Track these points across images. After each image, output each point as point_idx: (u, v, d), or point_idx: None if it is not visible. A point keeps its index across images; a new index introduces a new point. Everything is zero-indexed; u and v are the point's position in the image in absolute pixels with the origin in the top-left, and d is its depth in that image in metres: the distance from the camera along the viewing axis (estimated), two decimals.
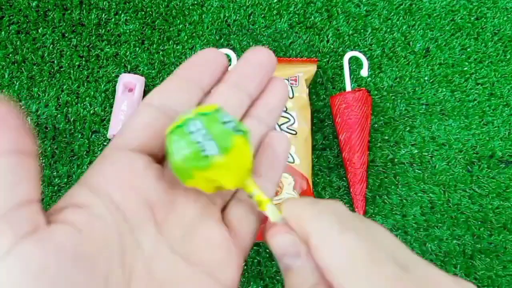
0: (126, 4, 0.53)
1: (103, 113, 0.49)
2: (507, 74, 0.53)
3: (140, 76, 0.49)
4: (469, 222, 0.48)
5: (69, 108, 0.49)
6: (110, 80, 0.50)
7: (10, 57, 0.50)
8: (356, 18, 0.54)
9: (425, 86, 0.52)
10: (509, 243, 0.48)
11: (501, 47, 0.54)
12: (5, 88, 0.49)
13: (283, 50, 0.52)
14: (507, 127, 0.51)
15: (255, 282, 0.45)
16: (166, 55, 0.51)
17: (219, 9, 0.53)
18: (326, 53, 0.53)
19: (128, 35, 0.52)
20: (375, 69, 0.52)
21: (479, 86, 0.53)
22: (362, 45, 0.53)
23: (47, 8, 0.52)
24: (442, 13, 0.55)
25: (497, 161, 0.50)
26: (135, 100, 0.47)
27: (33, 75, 0.50)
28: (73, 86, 0.50)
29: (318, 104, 0.51)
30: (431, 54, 0.53)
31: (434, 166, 0.50)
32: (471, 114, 0.52)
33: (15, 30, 0.51)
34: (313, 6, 0.54)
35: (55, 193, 0.47)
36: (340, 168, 0.50)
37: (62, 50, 0.51)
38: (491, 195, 0.49)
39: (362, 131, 0.48)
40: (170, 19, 0.53)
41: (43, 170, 0.47)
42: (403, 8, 0.55)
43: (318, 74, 0.52)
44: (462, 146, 0.50)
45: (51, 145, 0.48)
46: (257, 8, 0.54)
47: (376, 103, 0.51)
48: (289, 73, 0.49)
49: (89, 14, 0.52)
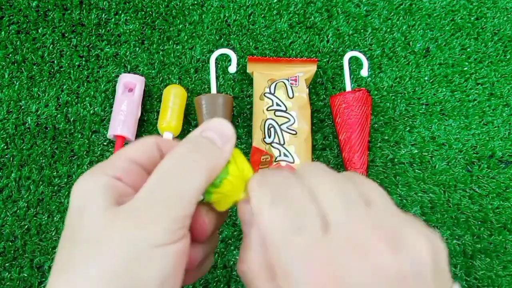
0: (126, 4, 0.53)
1: (103, 113, 0.49)
2: (507, 74, 0.53)
3: (140, 76, 0.49)
4: (469, 222, 0.48)
5: (69, 108, 0.49)
6: (110, 80, 0.50)
7: (10, 57, 0.50)
8: (356, 18, 0.54)
9: (425, 86, 0.52)
10: (509, 243, 0.48)
11: (501, 47, 0.54)
12: (5, 88, 0.49)
13: (283, 50, 0.52)
14: (507, 127, 0.51)
15: None
16: (166, 55, 0.51)
17: (219, 9, 0.53)
18: (326, 53, 0.53)
19: (128, 35, 0.52)
20: (375, 69, 0.52)
21: (479, 86, 0.53)
22: (362, 45, 0.53)
23: (47, 8, 0.52)
24: (442, 13, 0.55)
25: (497, 161, 0.50)
26: (135, 100, 0.47)
27: (33, 75, 0.50)
28: (73, 86, 0.50)
29: (318, 104, 0.51)
30: (431, 54, 0.53)
31: (434, 166, 0.50)
32: (471, 114, 0.52)
33: (15, 30, 0.51)
34: (313, 6, 0.54)
35: (55, 193, 0.47)
36: (340, 168, 0.50)
37: (62, 50, 0.51)
38: (491, 195, 0.49)
39: (362, 131, 0.48)
40: (170, 19, 0.53)
41: (43, 170, 0.47)
42: (403, 8, 0.55)
43: (318, 74, 0.52)
44: (462, 146, 0.50)
45: (51, 145, 0.48)
46: (257, 8, 0.54)
47: (376, 103, 0.51)
48: (289, 73, 0.49)
49: (89, 14, 0.52)
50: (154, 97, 0.50)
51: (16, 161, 0.47)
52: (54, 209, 0.46)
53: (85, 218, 0.22)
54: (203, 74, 0.51)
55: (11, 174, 0.47)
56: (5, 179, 0.47)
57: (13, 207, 0.46)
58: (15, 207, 0.46)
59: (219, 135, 0.24)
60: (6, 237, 0.45)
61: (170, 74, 0.51)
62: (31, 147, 0.48)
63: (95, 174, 0.23)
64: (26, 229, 0.45)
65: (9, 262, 0.44)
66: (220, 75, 0.51)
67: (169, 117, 0.46)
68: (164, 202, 0.22)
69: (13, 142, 0.48)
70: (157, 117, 0.49)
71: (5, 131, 0.48)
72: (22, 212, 0.46)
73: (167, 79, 0.51)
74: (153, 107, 0.50)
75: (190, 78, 0.51)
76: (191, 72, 0.51)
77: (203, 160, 0.23)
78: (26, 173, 0.47)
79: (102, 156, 0.48)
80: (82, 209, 0.22)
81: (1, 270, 0.44)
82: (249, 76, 0.51)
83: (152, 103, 0.50)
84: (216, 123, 0.25)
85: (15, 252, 0.45)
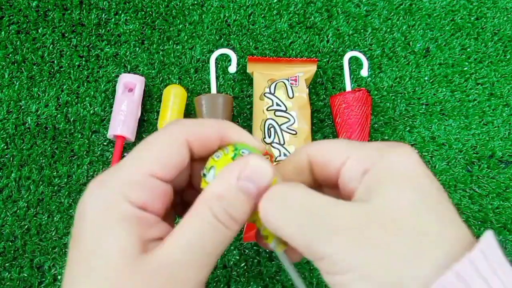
0: (126, 4, 0.53)
1: (103, 113, 0.49)
2: (507, 74, 0.53)
3: (140, 76, 0.49)
4: (469, 222, 0.48)
5: (69, 108, 0.49)
6: (110, 80, 0.50)
7: (10, 57, 0.50)
8: (356, 18, 0.54)
9: (425, 86, 0.52)
10: (509, 243, 0.48)
11: (501, 47, 0.54)
12: (5, 88, 0.49)
13: (283, 50, 0.52)
14: (507, 127, 0.51)
15: (255, 282, 0.45)
16: (166, 55, 0.51)
17: (219, 9, 0.53)
18: (326, 53, 0.53)
19: (128, 35, 0.52)
20: (375, 69, 0.52)
21: (479, 86, 0.53)
22: (362, 45, 0.53)
23: (47, 8, 0.52)
24: (442, 13, 0.55)
25: (497, 161, 0.50)
26: (135, 100, 0.47)
27: (33, 75, 0.50)
28: (73, 86, 0.50)
29: (318, 104, 0.51)
30: (431, 54, 0.53)
31: (434, 166, 0.50)
32: (471, 114, 0.52)
33: (15, 30, 0.51)
34: (313, 6, 0.54)
35: (55, 193, 0.47)
36: None
37: (62, 50, 0.51)
38: (491, 195, 0.49)
39: (362, 131, 0.48)
40: (170, 19, 0.53)
41: (43, 170, 0.47)
42: (403, 8, 0.55)
43: (318, 74, 0.52)
44: (462, 146, 0.50)
45: (51, 145, 0.48)
46: (257, 8, 0.54)
47: (376, 103, 0.51)
48: (289, 73, 0.49)
49: (89, 14, 0.52)
50: (154, 97, 0.50)
51: (16, 161, 0.47)
52: (54, 209, 0.46)
53: (103, 259, 0.19)
54: (203, 74, 0.51)
55: (11, 174, 0.47)
56: (5, 179, 0.47)
57: (13, 207, 0.46)
58: (15, 207, 0.46)
59: (258, 185, 0.21)
60: (6, 237, 0.45)
61: (170, 74, 0.51)
62: (31, 147, 0.48)
63: (115, 198, 0.20)
64: (26, 229, 0.45)
65: (9, 262, 0.44)
66: (220, 75, 0.51)
67: (169, 117, 0.46)
68: (196, 266, 0.20)
69: (13, 142, 0.48)
70: (157, 117, 0.49)
71: (5, 131, 0.48)
72: (22, 212, 0.46)
73: (167, 79, 0.51)
74: (153, 107, 0.50)
75: (190, 78, 0.51)
76: (191, 72, 0.51)
77: (235, 225, 0.21)
78: (26, 173, 0.47)
79: (102, 156, 0.48)
80: (100, 244, 0.19)
81: (1, 270, 0.44)
82: (249, 76, 0.51)
83: (152, 103, 0.50)
84: (255, 169, 0.21)
85: (15, 252, 0.45)
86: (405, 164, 0.21)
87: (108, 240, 0.19)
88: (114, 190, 0.20)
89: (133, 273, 0.19)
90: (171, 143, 0.22)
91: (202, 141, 0.23)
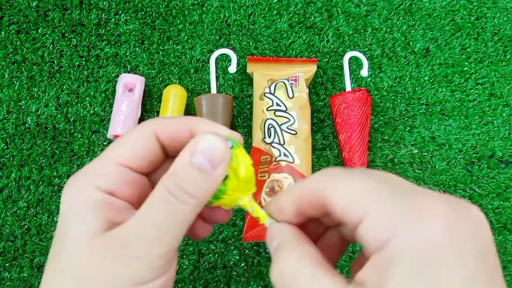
0: (126, 4, 0.53)
1: (103, 113, 0.49)
2: (507, 74, 0.53)
3: (140, 76, 0.49)
4: None
5: (69, 108, 0.49)
6: (110, 80, 0.50)
7: (10, 57, 0.50)
8: (356, 18, 0.54)
9: (425, 86, 0.52)
10: (509, 243, 0.48)
11: (501, 47, 0.54)
12: (5, 88, 0.49)
13: (283, 50, 0.52)
14: (507, 127, 0.51)
15: (255, 282, 0.45)
16: (166, 55, 0.51)
17: (219, 9, 0.53)
18: (326, 53, 0.53)
19: (128, 35, 0.52)
20: (375, 69, 0.52)
21: (479, 86, 0.53)
22: (362, 45, 0.53)
23: (47, 8, 0.52)
24: (442, 13, 0.55)
25: (497, 161, 0.50)
26: (135, 100, 0.47)
27: (33, 75, 0.50)
28: (73, 86, 0.50)
29: (318, 104, 0.51)
30: (431, 54, 0.53)
31: (434, 166, 0.50)
32: (471, 114, 0.52)
33: (15, 30, 0.51)
34: (313, 6, 0.54)
35: (55, 193, 0.47)
36: None
37: (62, 50, 0.51)
38: (491, 195, 0.49)
39: (362, 131, 0.48)
40: (170, 19, 0.53)
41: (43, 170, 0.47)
42: (403, 8, 0.55)
43: (318, 74, 0.52)
44: (462, 146, 0.50)
45: (51, 145, 0.48)
46: (257, 8, 0.54)
47: (376, 103, 0.51)
48: (289, 73, 0.49)
49: (89, 14, 0.52)
50: (154, 97, 0.50)
51: (16, 161, 0.47)
52: (54, 209, 0.46)
53: (69, 244, 0.21)
54: (203, 74, 0.51)
55: (11, 174, 0.47)
56: (5, 179, 0.47)
57: (13, 207, 0.46)
58: (15, 207, 0.46)
59: (210, 159, 0.22)
60: (6, 237, 0.45)
61: (170, 74, 0.51)
62: (31, 147, 0.48)
63: (84, 186, 0.22)
64: (26, 229, 0.45)
65: (9, 262, 0.44)
66: (220, 75, 0.51)
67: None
68: (150, 238, 0.21)
69: (13, 142, 0.48)
70: (157, 117, 0.49)
71: (5, 131, 0.48)
72: (22, 212, 0.46)
73: (167, 79, 0.51)
74: (153, 107, 0.50)
75: (190, 78, 0.51)
76: (191, 72, 0.51)
77: (191, 199, 0.22)
78: (26, 173, 0.47)
79: None
80: (67, 231, 0.21)
81: (1, 270, 0.44)
82: (249, 76, 0.51)
83: (152, 103, 0.50)
84: (206, 144, 0.22)
85: (15, 252, 0.45)
86: (443, 241, 0.16)
87: (76, 220, 0.21)
88: (84, 178, 0.22)
89: (93, 247, 0.21)
90: (138, 135, 0.24)
91: (170, 133, 0.24)
